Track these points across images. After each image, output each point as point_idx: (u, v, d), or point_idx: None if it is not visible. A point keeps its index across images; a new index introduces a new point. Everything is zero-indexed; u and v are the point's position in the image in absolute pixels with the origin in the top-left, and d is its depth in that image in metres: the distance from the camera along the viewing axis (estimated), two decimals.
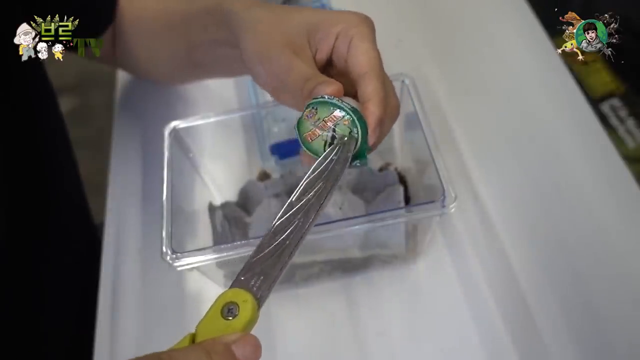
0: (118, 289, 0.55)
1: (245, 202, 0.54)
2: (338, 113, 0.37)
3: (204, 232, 0.52)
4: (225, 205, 0.54)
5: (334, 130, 0.37)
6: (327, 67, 0.42)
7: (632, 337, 0.46)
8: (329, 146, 0.37)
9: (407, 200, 0.52)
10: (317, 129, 0.37)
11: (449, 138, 0.59)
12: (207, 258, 0.42)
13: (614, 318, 0.47)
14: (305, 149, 0.38)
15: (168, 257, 0.42)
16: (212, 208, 0.53)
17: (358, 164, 0.38)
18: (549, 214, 0.53)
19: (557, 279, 0.50)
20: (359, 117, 0.37)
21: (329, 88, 0.36)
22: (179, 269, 0.43)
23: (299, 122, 0.38)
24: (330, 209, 0.48)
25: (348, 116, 0.37)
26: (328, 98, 0.37)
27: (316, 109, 0.37)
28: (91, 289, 0.55)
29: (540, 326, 0.48)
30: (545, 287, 0.49)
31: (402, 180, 0.53)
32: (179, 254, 0.42)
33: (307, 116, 0.37)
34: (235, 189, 0.55)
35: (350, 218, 0.43)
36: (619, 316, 0.47)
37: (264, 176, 0.56)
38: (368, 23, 0.40)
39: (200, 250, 0.43)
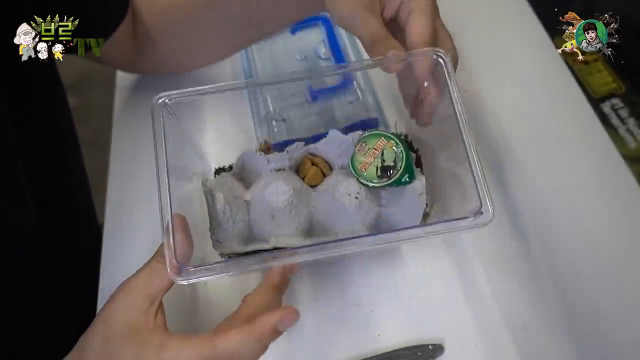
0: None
1: (242, 172, 0.51)
2: (384, 140, 0.45)
3: (203, 223, 0.49)
4: (222, 183, 0.49)
5: (382, 155, 0.44)
6: (391, 23, 0.45)
7: (632, 338, 0.46)
8: (380, 170, 0.44)
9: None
10: (368, 158, 0.45)
11: None
12: (216, 274, 0.39)
13: (614, 318, 0.47)
14: (359, 177, 0.45)
15: (178, 280, 0.39)
16: (206, 186, 0.49)
17: (407, 180, 0.44)
18: (549, 214, 0.53)
19: (557, 279, 0.50)
20: (401, 140, 0.45)
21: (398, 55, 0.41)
22: (185, 282, 0.39)
23: (353, 157, 0.45)
24: (345, 198, 0.46)
25: (392, 140, 0.44)
26: (375, 131, 0.45)
27: (366, 142, 0.45)
28: (93, 289, 0.55)
29: (540, 326, 0.48)
30: (545, 286, 0.49)
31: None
32: (187, 270, 0.39)
33: (358, 150, 0.45)
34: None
35: (373, 234, 0.42)
36: (619, 316, 0.47)
37: (268, 150, 0.52)
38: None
39: (210, 265, 0.39)
